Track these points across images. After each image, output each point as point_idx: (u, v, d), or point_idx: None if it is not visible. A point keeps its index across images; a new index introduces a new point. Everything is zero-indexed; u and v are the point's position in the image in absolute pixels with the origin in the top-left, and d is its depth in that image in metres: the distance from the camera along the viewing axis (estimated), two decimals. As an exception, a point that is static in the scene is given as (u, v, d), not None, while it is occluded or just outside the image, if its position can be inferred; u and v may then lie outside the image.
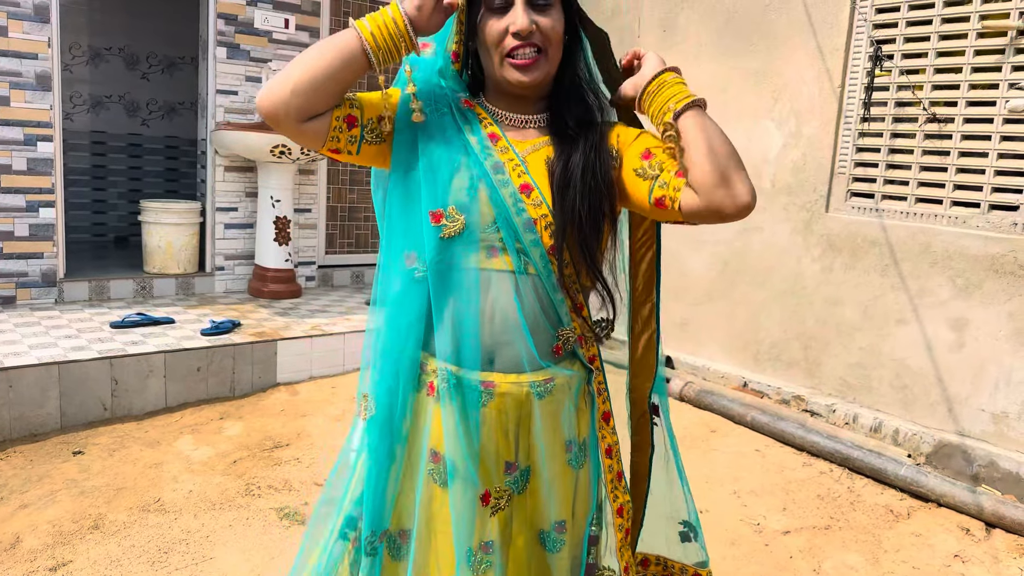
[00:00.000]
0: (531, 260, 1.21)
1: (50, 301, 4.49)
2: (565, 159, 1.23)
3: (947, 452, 3.21)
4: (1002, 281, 3.10)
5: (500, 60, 1.22)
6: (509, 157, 1.24)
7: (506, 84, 1.25)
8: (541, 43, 1.21)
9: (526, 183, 1.22)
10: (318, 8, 5.31)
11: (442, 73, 1.29)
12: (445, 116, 1.25)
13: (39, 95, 4.32)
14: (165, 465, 3.09)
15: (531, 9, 1.21)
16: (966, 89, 3.24)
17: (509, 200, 1.20)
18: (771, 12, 3.91)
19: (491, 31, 1.22)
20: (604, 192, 1.23)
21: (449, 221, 1.20)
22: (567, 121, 1.28)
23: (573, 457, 1.30)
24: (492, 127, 1.27)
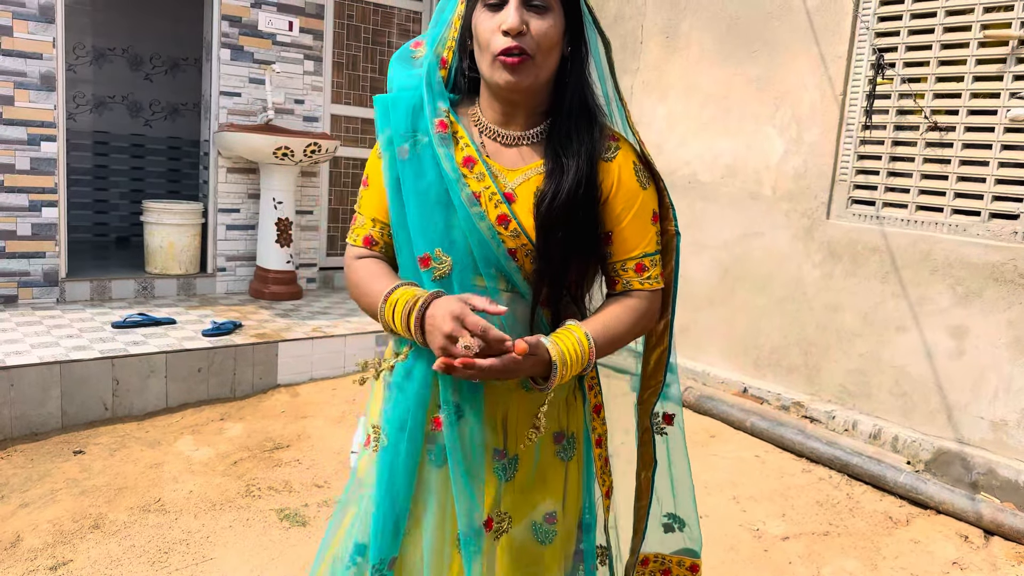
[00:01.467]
0: (514, 283, 1.21)
1: (52, 301, 4.50)
2: (552, 193, 1.19)
3: (946, 459, 3.22)
4: (1002, 289, 3.11)
5: (491, 59, 1.18)
6: (485, 185, 1.20)
7: (495, 87, 1.21)
8: (530, 48, 1.16)
9: (503, 214, 1.20)
10: (322, 11, 5.33)
11: (428, 83, 1.25)
12: (424, 147, 1.22)
13: (43, 95, 4.33)
14: (166, 465, 3.10)
15: (526, 9, 1.16)
16: (967, 98, 3.25)
17: (487, 234, 1.18)
18: (773, 19, 3.93)
19: (484, 27, 1.18)
20: (588, 230, 1.22)
21: (437, 263, 1.20)
22: (563, 142, 1.23)
23: (562, 449, 1.31)
24: (468, 149, 1.23)
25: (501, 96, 1.23)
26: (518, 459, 1.27)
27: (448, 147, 1.21)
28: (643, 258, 1.26)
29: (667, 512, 1.48)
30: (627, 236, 1.25)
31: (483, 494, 1.23)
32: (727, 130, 4.19)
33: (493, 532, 1.24)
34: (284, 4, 5.14)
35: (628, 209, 1.24)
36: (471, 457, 1.22)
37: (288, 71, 5.21)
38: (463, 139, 1.23)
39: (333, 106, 5.57)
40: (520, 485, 1.27)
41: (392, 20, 5.78)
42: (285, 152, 4.72)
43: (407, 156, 1.22)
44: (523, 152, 1.25)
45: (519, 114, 1.25)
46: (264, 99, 5.07)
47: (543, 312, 1.24)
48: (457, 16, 1.26)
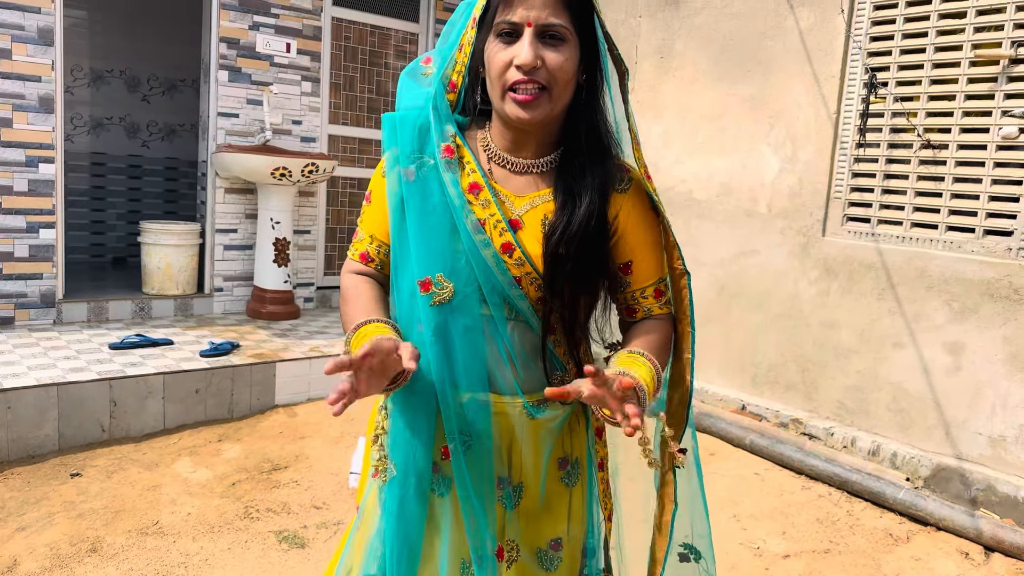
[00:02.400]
0: (519, 311, 1.19)
1: (49, 322, 4.50)
2: (563, 228, 1.17)
3: (945, 476, 3.22)
4: (998, 305, 3.12)
5: (502, 92, 1.15)
6: (491, 212, 1.19)
7: (507, 119, 1.18)
8: (546, 81, 1.13)
9: (507, 242, 1.18)
10: (319, 32, 5.37)
11: (434, 106, 1.22)
12: (430, 170, 1.20)
13: (41, 117, 4.35)
14: (163, 487, 3.08)
15: (540, 42, 1.13)
16: (960, 116, 3.29)
17: (491, 261, 1.16)
18: (767, 39, 3.97)
19: (496, 59, 1.15)
20: (597, 263, 1.21)
21: (437, 289, 1.18)
22: (575, 174, 1.20)
23: (567, 475, 1.29)
24: (475, 175, 1.21)
25: (512, 127, 1.20)
26: (523, 487, 1.26)
27: (454, 172, 1.19)
28: (659, 283, 1.26)
29: (683, 542, 1.42)
30: (645, 265, 1.25)
31: (495, 524, 1.22)
32: (722, 148, 4.22)
33: (505, 561, 1.23)
34: (282, 26, 5.18)
35: (644, 238, 1.24)
36: (479, 487, 1.21)
37: (286, 92, 5.24)
38: (469, 164, 1.21)
39: (331, 126, 5.60)
40: (525, 512, 1.26)
41: (389, 41, 5.83)
42: (283, 172, 4.74)
43: (413, 178, 1.20)
44: (532, 180, 1.23)
45: (530, 143, 1.23)
46: (262, 120, 5.09)
47: (554, 342, 1.22)
48: (467, 41, 1.22)
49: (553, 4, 1.13)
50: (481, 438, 1.20)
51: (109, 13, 6.50)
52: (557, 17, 1.13)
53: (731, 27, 4.15)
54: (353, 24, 5.62)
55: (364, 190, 5.86)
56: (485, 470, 1.21)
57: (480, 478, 1.21)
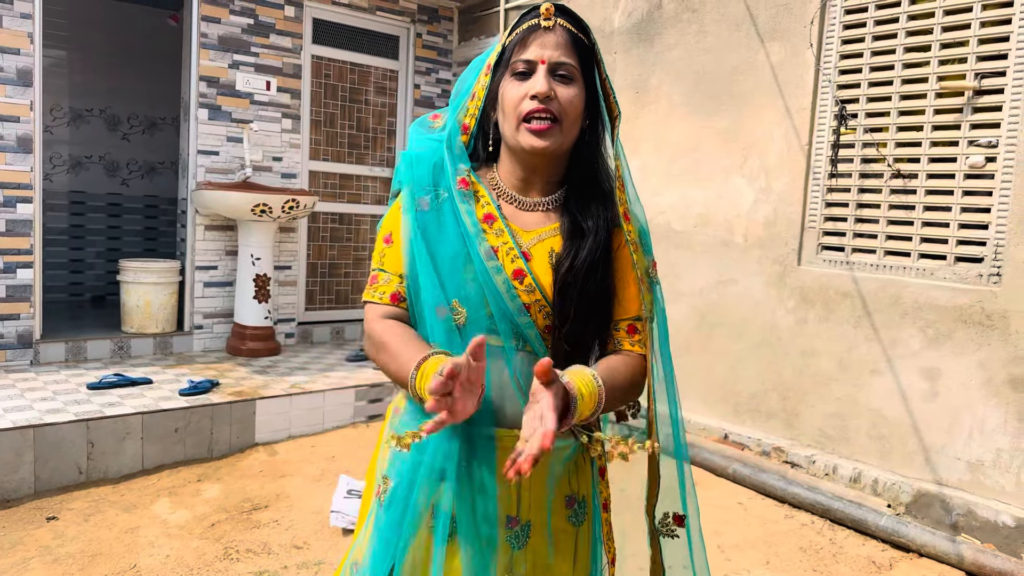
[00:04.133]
0: (527, 339, 1.22)
1: (26, 363, 4.45)
2: (572, 258, 1.24)
3: (926, 501, 3.24)
4: (971, 331, 3.17)
5: (517, 124, 1.23)
6: (503, 240, 1.25)
7: (520, 151, 1.26)
8: (557, 112, 1.22)
9: (519, 269, 1.23)
10: (299, 70, 5.42)
11: (448, 146, 1.30)
12: (444, 202, 1.27)
13: (20, 157, 4.34)
14: (141, 529, 3.04)
15: (553, 78, 1.23)
16: (928, 146, 3.36)
17: (502, 287, 1.21)
18: (739, 74, 4.05)
19: (511, 94, 1.24)
20: (605, 294, 1.26)
21: (453, 314, 1.22)
22: (581, 208, 1.29)
23: (574, 514, 1.29)
24: (489, 207, 1.28)
25: (523, 161, 1.28)
26: (531, 526, 1.24)
27: (469, 203, 1.26)
28: (636, 321, 1.29)
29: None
30: (627, 297, 1.29)
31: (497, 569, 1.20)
32: (698, 180, 4.28)
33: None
34: (262, 64, 5.22)
35: (630, 272, 1.29)
36: (484, 528, 1.20)
37: (266, 129, 5.27)
38: (483, 197, 1.29)
39: (311, 162, 5.63)
40: (533, 552, 1.25)
41: (369, 78, 5.89)
42: (263, 209, 4.75)
43: (428, 207, 1.26)
44: (539, 217, 1.30)
45: (538, 180, 1.31)
46: (242, 157, 5.11)
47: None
48: (481, 87, 1.31)
49: (564, 46, 1.25)
50: (486, 475, 1.20)
51: (89, 53, 6.53)
52: (568, 58, 1.24)
53: (704, 62, 4.24)
54: (333, 62, 5.68)
55: (345, 224, 5.87)
56: (490, 511, 1.20)
57: (485, 519, 1.20)
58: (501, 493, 1.21)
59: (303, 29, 5.44)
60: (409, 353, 1.18)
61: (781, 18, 3.86)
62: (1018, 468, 3.03)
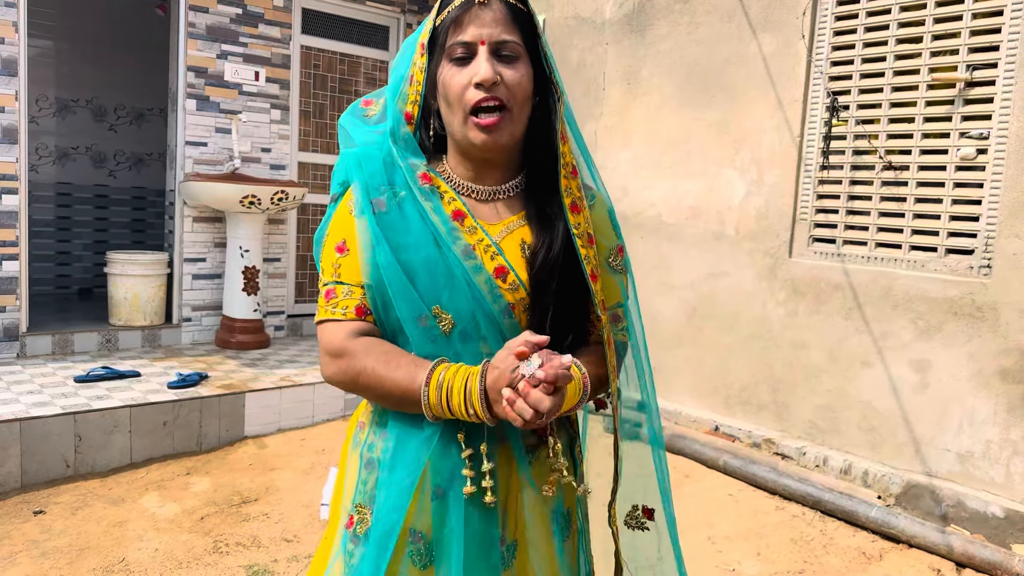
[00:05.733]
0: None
1: (12, 356, 4.40)
2: (546, 248, 1.14)
3: (916, 492, 3.25)
4: (961, 323, 3.18)
5: (464, 118, 1.12)
6: (479, 238, 1.14)
7: (469, 146, 1.14)
8: (505, 98, 1.11)
9: (500, 266, 1.13)
10: (288, 61, 5.37)
11: (394, 138, 1.17)
12: (405, 202, 1.14)
13: (5, 148, 4.29)
14: (130, 523, 3.01)
15: (496, 60, 1.11)
16: (919, 138, 3.36)
17: (485, 288, 1.11)
18: (731, 65, 4.04)
19: (452, 84, 1.11)
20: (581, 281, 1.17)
21: (439, 322, 1.11)
22: (543, 195, 1.18)
23: (559, 528, 1.22)
24: (456, 203, 1.16)
25: (473, 154, 1.17)
26: (517, 545, 1.18)
27: (435, 200, 1.15)
28: (618, 308, 1.22)
29: None
30: (606, 284, 1.21)
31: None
32: (689, 173, 4.27)
33: None
34: (250, 55, 5.17)
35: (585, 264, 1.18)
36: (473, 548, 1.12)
37: (255, 120, 5.23)
38: (448, 193, 1.17)
39: (300, 154, 5.58)
40: (520, 570, 1.18)
41: (359, 69, 5.85)
42: (252, 200, 4.71)
43: (386, 209, 1.14)
44: (499, 207, 1.19)
45: (493, 170, 1.19)
46: (230, 148, 5.07)
47: None
48: (418, 69, 1.17)
49: (504, 21, 1.12)
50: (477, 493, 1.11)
51: (75, 42, 6.45)
52: (509, 34, 1.12)
53: (696, 54, 4.22)
54: (322, 52, 5.64)
55: (335, 217, 5.83)
56: (480, 530, 1.13)
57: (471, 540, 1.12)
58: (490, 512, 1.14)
59: (292, 19, 5.39)
60: (404, 370, 1.08)
61: (773, 9, 3.85)
62: (1007, 459, 3.05)
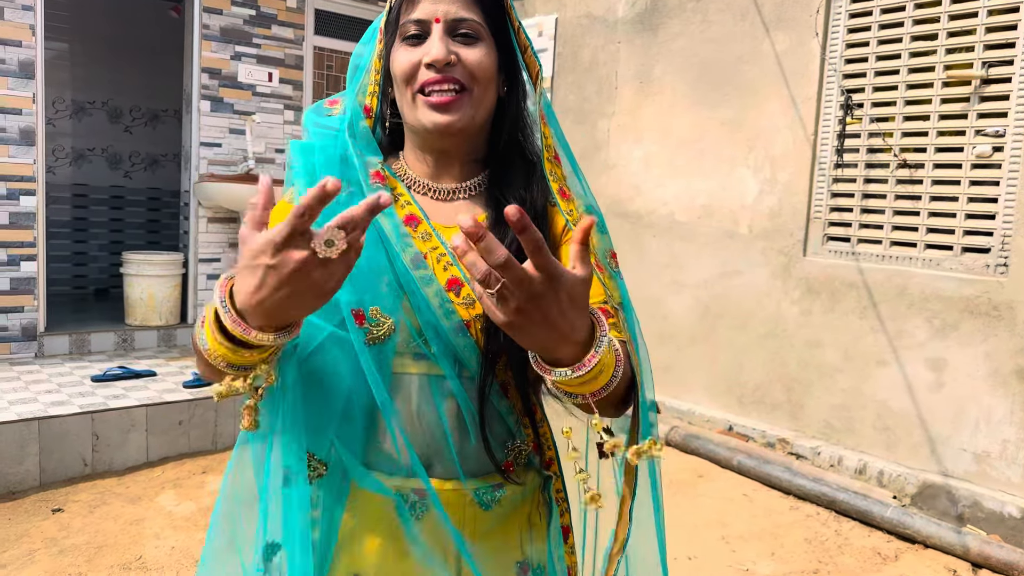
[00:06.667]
0: (466, 365, 0.97)
1: (30, 355, 4.45)
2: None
3: (932, 493, 3.23)
4: (977, 322, 3.16)
5: (412, 97, 0.99)
6: (432, 246, 0.99)
7: (422, 131, 1.00)
8: (465, 80, 0.97)
9: (454, 277, 0.98)
10: (301, 62, 5.40)
11: (351, 132, 1.03)
12: (355, 197, 0.97)
13: (22, 150, 4.34)
14: (147, 521, 3.04)
15: (452, 39, 0.97)
16: (934, 136, 3.34)
17: (435, 301, 0.96)
18: (743, 64, 4.03)
19: (401, 62, 0.98)
20: None
21: (373, 325, 0.96)
22: (505, 190, 1.04)
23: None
24: (410, 206, 1.02)
25: (430, 144, 1.04)
26: None
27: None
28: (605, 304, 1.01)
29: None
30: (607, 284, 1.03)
31: None
32: (702, 171, 4.26)
33: None
34: (264, 56, 5.20)
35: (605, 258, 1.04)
36: None
37: (268, 121, 5.26)
38: (403, 195, 1.03)
39: (313, 154, 5.60)
40: None
41: (371, 69, 5.86)
42: (266, 201, 4.73)
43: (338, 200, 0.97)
44: (460, 207, 1.05)
45: (452, 164, 1.05)
46: (244, 149, 5.10)
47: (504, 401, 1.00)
48: (376, 56, 1.05)
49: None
50: (419, 546, 0.97)
51: (91, 45, 6.51)
52: (468, 12, 0.98)
53: (708, 52, 4.21)
54: (335, 52, 5.66)
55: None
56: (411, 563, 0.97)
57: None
58: (436, 560, 0.97)
59: (305, 20, 5.42)
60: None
61: (786, 7, 3.84)
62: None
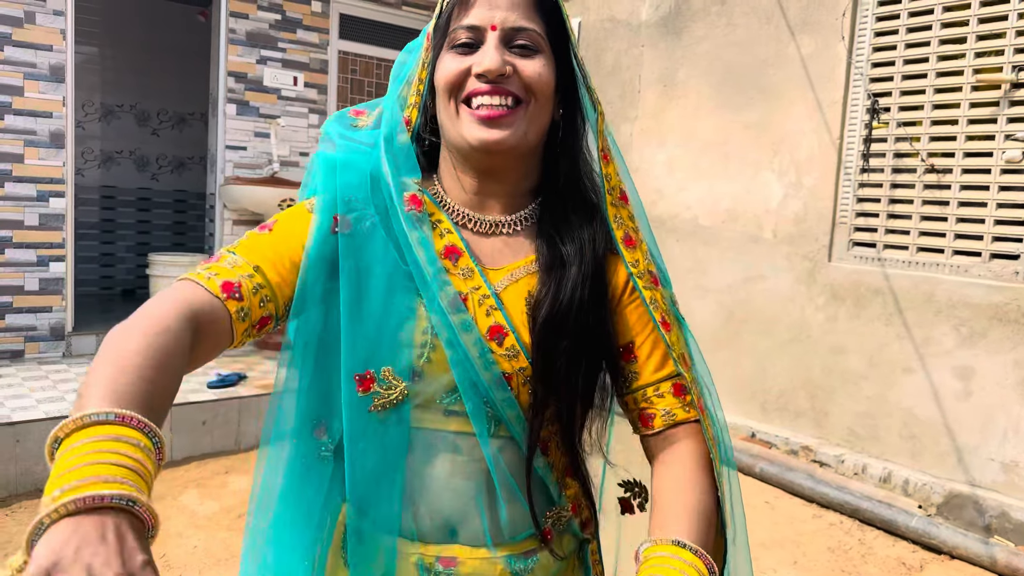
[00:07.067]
0: (503, 421, 0.87)
1: (58, 355, 4.52)
2: (552, 293, 0.87)
3: (958, 502, 3.18)
4: (1006, 329, 3.11)
5: (456, 109, 0.87)
6: (475, 285, 0.87)
7: (465, 148, 0.87)
8: (520, 93, 0.85)
9: (497, 325, 0.86)
10: (326, 66, 5.44)
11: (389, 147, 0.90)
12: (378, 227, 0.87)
13: (52, 152, 4.41)
14: (170, 520, 3.07)
15: (507, 51, 0.86)
16: (963, 140, 3.29)
17: (474, 351, 0.84)
18: (768, 67, 4.00)
19: (447, 70, 0.87)
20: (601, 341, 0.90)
21: (383, 388, 0.84)
22: (560, 227, 0.92)
23: None
24: (451, 235, 0.89)
25: (472, 165, 0.90)
26: None
27: (423, 230, 0.87)
28: (677, 378, 0.92)
29: None
30: (656, 348, 0.91)
31: None
32: (726, 175, 4.23)
33: None
34: (289, 60, 5.25)
35: (644, 317, 0.92)
36: None
37: (293, 124, 5.30)
38: (442, 223, 0.90)
39: (337, 158, 5.64)
40: None
41: (394, 73, 5.89)
42: (290, 204, 4.77)
43: (350, 230, 0.86)
44: (505, 244, 0.92)
45: (497, 191, 0.92)
46: (269, 152, 5.15)
47: (545, 461, 0.90)
48: (422, 64, 0.94)
49: (523, 5, 0.86)
50: None
51: (120, 49, 6.61)
52: (529, 21, 0.86)
53: (733, 55, 4.19)
54: (359, 57, 5.70)
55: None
56: None
57: None
58: None
59: (330, 24, 5.46)
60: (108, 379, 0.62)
61: (812, 10, 3.81)
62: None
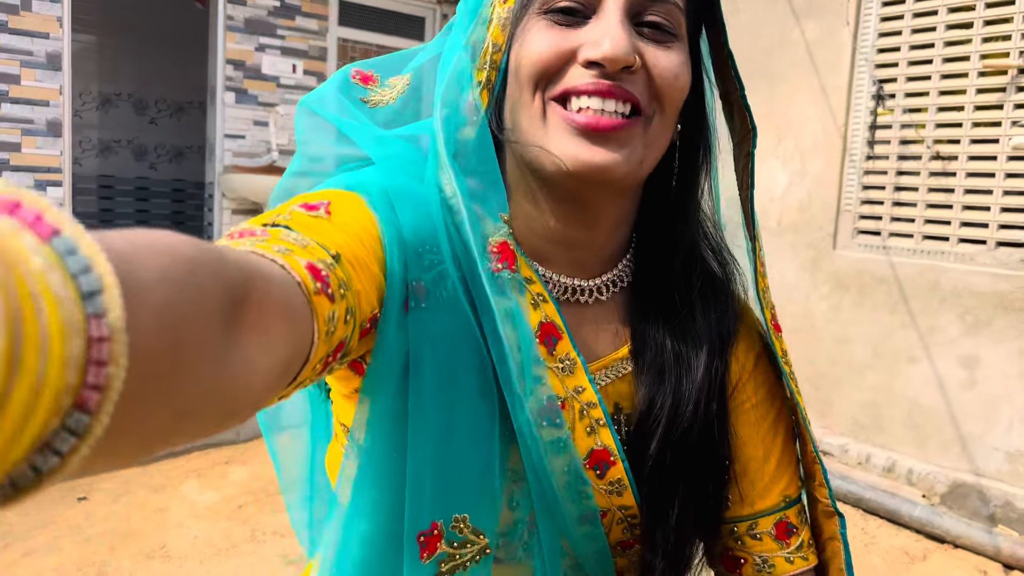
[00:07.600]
0: (583, 561, 0.66)
1: (56, 345, 4.49)
2: (669, 415, 0.64)
3: (962, 492, 3.16)
4: (1012, 318, 3.08)
5: (542, 109, 0.59)
6: (577, 385, 0.62)
7: (554, 171, 0.59)
8: (643, 99, 0.58)
9: (602, 448, 0.63)
10: (325, 53, 5.40)
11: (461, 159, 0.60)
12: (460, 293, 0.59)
13: (49, 141, 4.37)
14: (170, 510, 3.06)
15: (635, 32, 0.58)
16: (969, 127, 3.26)
17: (561, 481, 0.60)
18: (773, 53, 3.96)
19: (537, 46, 0.58)
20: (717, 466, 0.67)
21: (454, 547, 0.61)
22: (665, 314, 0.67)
23: None
24: (546, 306, 0.62)
25: (559, 195, 0.62)
26: None
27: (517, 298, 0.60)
28: (786, 510, 0.68)
29: None
30: (761, 474, 0.69)
31: None
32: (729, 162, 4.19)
33: None
34: (288, 47, 5.21)
35: (764, 426, 0.71)
36: None
37: (292, 113, 5.26)
38: (534, 285, 0.62)
39: (337, 146, 5.61)
40: None
41: (394, 61, 5.85)
42: (289, 193, 4.75)
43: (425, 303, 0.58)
44: (601, 317, 0.67)
45: (588, 242, 0.65)
46: (268, 141, 5.11)
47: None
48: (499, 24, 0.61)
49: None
50: None
51: (117, 37, 6.56)
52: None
53: (736, 41, 4.13)
54: (359, 44, 5.65)
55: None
56: None
57: None
58: None
59: (329, 11, 5.42)
60: None
61: (817, -4, 3.77)
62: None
